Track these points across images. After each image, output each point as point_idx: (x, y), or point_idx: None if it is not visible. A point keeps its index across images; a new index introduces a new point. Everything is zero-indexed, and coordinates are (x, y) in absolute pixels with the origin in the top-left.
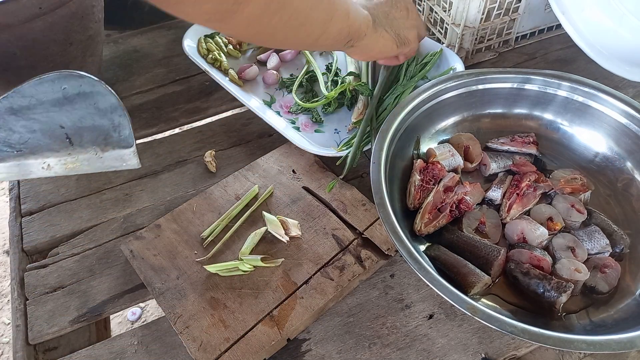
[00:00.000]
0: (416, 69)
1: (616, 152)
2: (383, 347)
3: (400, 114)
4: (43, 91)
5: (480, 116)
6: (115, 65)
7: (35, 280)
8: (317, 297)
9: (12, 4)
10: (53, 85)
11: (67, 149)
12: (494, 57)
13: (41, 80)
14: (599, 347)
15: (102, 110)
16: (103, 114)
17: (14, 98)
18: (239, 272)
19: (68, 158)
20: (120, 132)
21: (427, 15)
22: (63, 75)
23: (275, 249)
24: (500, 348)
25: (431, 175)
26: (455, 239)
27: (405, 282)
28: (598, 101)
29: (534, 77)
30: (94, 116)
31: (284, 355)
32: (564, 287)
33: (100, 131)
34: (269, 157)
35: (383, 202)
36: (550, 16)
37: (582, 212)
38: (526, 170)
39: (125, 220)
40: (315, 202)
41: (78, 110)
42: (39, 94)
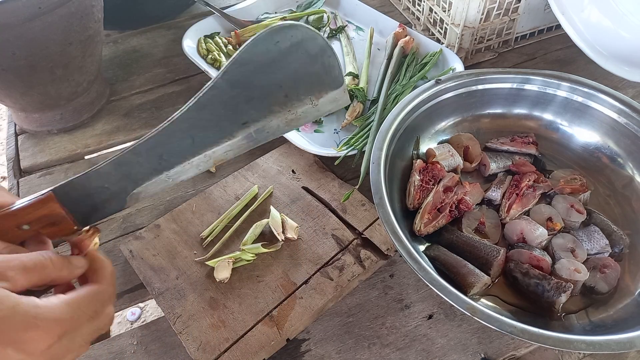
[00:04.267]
0: (416, 69)
1: (615, 153)
2: (382, 347)
3: (400, 114)
4: (258, 52)
5: (479, 116)
6: (115, 65)
7: None
8: (316, 297)
9: (12, 4)
10: (266, 43)
11: (286, 107)
12: (494, 57)
13: (255, 41)
14: (599, 347)
15: (313, 55)
16: (314, 60)
17: (233, 70)
18: (242, 262)
19: (288, 115)
20: (332, 73)
21: (426, 15)
22: (274, 30)
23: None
24: (499, 348)
25: (431, 176)
26: (455, 239)
27: (405, 282)
28: (597, 101)
29: (534, 77)
30: (307, 65)
31: (283, 355)
32: (564, 287)
33: (313, 78)
34: (268, 157)
35: (383, 203)
36: (550, 16)
37: (581, 212)
38: (526, 171)
39: (125, 220)
40: (315, 202)
41: (292, 63)
42: (256, 57)
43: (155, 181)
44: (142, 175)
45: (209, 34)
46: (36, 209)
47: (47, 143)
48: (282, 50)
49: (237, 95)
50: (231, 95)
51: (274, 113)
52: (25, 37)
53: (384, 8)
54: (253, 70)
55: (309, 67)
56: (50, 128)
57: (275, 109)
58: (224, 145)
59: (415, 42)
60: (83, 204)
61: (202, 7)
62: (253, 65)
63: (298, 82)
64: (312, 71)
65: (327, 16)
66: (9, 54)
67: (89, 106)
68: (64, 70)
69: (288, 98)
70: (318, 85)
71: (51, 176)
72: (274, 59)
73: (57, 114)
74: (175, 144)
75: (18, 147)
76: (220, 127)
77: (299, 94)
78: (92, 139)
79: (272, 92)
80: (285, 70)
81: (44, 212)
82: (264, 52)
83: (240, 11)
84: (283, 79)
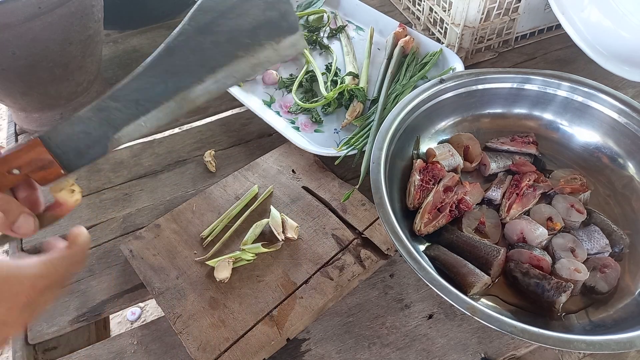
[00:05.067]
0: (416, 69)
1: (616, 152)
2: (382, 347)
3: (400, 114)
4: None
5: (480, 116)
6: (115, 65)
7: None
8: (316, 297)
9: (12, 4)
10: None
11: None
12: (494, 57)
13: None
14: (599, 347)
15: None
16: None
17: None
18: (243, 262)
19: (252, 60)
20: (288, 19)
21: (427, 15)
22: None
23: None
24: (499, 348)
25: (431, 175)
26: (455, 239)
27: (405, 282)
28: (598, 101)
29: (534, 77)
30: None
31: (283, 355)
32: (564, 287)
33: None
34: (268, 157)
35: (383, 202)
36: (550, 16)
37: (581, 212)
38: (526, 170)
39: (125, 220)
40: (315, 202)
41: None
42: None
43: (133, 126)
44: (121, 120)
45: None
46: (24, 153)
47: None
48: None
49: (204, 41)
50: (198, 41)
51: (239, 58)
52: (25, 37)
53: (384, 8)
54: (217, 16)
55: (266, 13)
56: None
57: (240, 54)
58: (195, 89)
59: (416, 42)
60: (68, 148)
61: None
62: (216, 12)
63: (258, 27)
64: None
65: (327, 16)
66: (9, 53)
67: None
68: (64, 70)
69: (250, 43)
70: (277, 30)
71: None
72: (234, 5)
73: (57, 113)
74: (150, 89)
75: None
76: (190, 72)
77: (260, 39)
78: None
79: (236, 37)
80: (245, 17)
81: (32, 156)
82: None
83: None
84: (244, 25)
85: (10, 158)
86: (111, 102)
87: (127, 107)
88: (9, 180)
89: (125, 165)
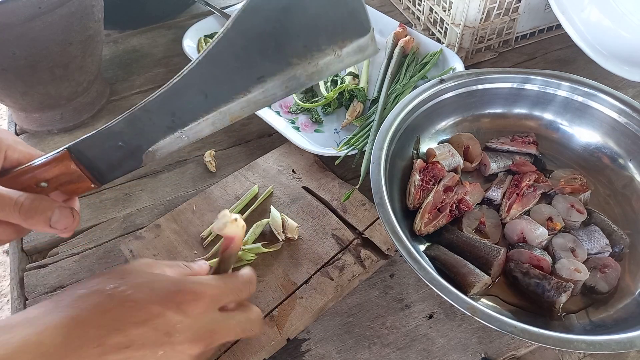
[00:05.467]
0: (416, 69)
1: (616, 152)
2: (383, 347)
3: (400, 114)
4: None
5: (480, 116)
6: (115, 65)
7: (35, 280)
8: (316, 297)
9: (12, 4)
10: None
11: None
12: (494, 57)
13: None
14: (599, 347)
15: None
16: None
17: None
18: (243, 262)
19: (308, 68)
20: (357, 18)
21: (427, 15)
22: None
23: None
24: (499, 348)
25: (431, 175)
26: (455, 239)
27: (405, 282)
28: (598, 101)
29: (534, 77)
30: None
31: (283, 355)
32: (564, 287)
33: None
34: (268, 157)
35: (383, 202)
36: (550, 16)
37: (582, 212)
38: (526, 170)
39: (125, 220)
40: (315, 202)
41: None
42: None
43: (170, 139)
44: (156, 133)
45: (209, 34)
46: (52, 167)
47: (47, 143)
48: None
49: (250, 46)
50: (243, 46)
51: (292, 66)
52: (25, 37)
53: (384, 8)
54: (266, 17)
55: (329, 12)
56: (51, 128)
57: (293, 61)
58: (240, 102)
59: (416, 42)
60: (99, 161)
61: (202, 7)
62: (266, 12)
63: (318, 29)
64: (334, 17)
65: None
66: (9, 53)
67: (89, 106)
68: (64, 70)
69: (307, 48)
70: (341, 32)
71: None
72: (289, 4)
73: (57, 113)
74: (187, 100)
75: None
76: (234, 82)
77: (320, 44)
78: None
79: (289, 42)
80: (302, 17)
81: (60, 170)
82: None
83: None
84: (300, 27)
85: (36, 171)
86: (143, 113)
87: (161, 119)
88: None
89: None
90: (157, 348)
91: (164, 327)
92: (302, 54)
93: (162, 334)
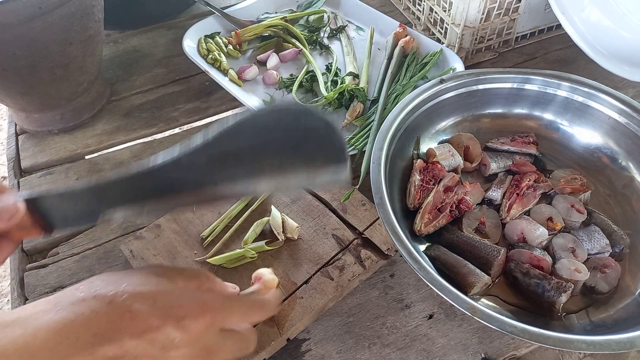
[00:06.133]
0: (416, 69)
1: (616, 152)
2: (383, 347)
3: (401, 114)
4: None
5: (480, 116)
6: (115, 65)
7: (35, 280)
8: (317, 297)
9: (12, 4)
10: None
11: (279, 174)
12: (494, 57)
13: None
14: (599, 347)
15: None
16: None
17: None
18: (246, 260)
19: (280, 181)
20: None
21: (427, 15)
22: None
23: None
24: (500, 348)
25: (431, 175)
26: (455, 239)
27: (405, 282)
28: (598, 101)
29: (534, 77)
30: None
31: (283, 355)
32: (564, 287)
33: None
34: None
35: (383, 202)
36: (550, 16)
37: (582, 212)
38: (526, 170)
39: (125, 220)
40: (315, 202)
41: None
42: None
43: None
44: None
45: (210, 34)
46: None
47: (47, 143)
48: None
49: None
50: (221, 151)
51: (263, 176)
52: (25, 37)
53: (384, 8)
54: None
55: (311, 139)
56: (51, 128)
57: (265, 173)
58: (206, 194)
59: (416, 42)
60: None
61: (203, 7)
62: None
63: (297, 152)
64: (314, 144)
65: (327, 16)
66: (9, 54)
67: (90, 106)
68: (65, 70)
69: (282, 166)
70: (318, 159)
71: (51, 176)
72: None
73: (57, 114)
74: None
75: (18, 147)
76: (200, 182)
77: (295, 165)
78: (93, 138)
79: (266, 157)
80: (284, 139)
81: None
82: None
83: (240, 11)
84: (279, 147)
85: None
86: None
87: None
88: None
89: (126, 165)
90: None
91: (160, 342)
92: (276, 170)
93: (158, 348)
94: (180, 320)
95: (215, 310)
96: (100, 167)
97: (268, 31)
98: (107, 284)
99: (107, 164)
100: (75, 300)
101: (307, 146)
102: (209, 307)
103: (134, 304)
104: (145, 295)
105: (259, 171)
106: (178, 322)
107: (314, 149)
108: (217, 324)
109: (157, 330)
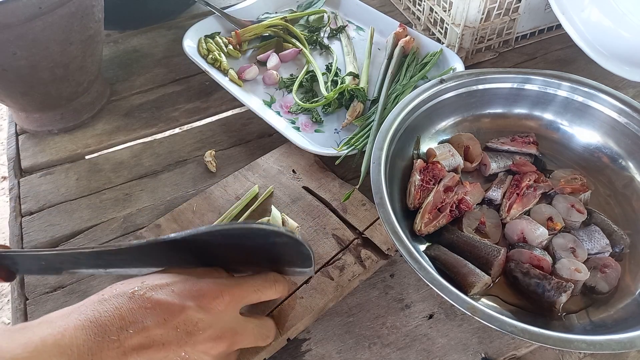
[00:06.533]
0: (416, 69)
1: (616, 152)
2: (383, 347)
3: (401, 114)
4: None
5: (480, 116)
6: (115, 65)
7: (35, 280)
8: (317, 297)
9: (12, 4)
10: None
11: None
12: (494, 57)
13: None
14: (599, 347)
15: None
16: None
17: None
18: None
19: None
20: (303, 257)
21: (427, 15)
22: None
23: None
24: (500, 348)
25: (431, 175)
26: (455, 239)
27: (405, 282)
28: (598, 101)
29: (534, 77)
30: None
31: (284, 355)
32: (564, 287)
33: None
34: (269, 157)
35: (383, 202)
36: (550, 16)
37: (582, 212)
38: (526, 170)
39: (125, 220)
40: (315, 202)
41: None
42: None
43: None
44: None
45: (210, 34)
46: None
47: (47, 143)
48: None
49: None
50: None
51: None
52: (25, 37)
53: (385, 8)
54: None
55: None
56: (51, 128)
57: (230, 267)
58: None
59: (416, 42)
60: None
61: (203, 7)
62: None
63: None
64: (279, 253)
65: (327, 16)
66: (9, 54)
67: (90, 106)
68: (65, 70)
69: (248, 263)
70: (285, 262)
71: (52, 176)
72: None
73: (57, 113)
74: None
75: (19, 147)
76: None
77: (262, 264)
78: (93, 138)
79: (233, 253)
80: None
81: None
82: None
83: (240, 11)
84: (248, 252)
85: None
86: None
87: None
88: None
89: (126, 165)
90: (178, 349)
91: (184, 326)
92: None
93: (184, 334)
94: (200, 301)
95: (232, 288)
96: (100, 167)
97: (268, 31)
98: (127, 284)
99: (107, 164)
100: (98, 300)
101: (272, 251)
102: (224, 285)
103: (154, 294)
104: (163, 285)
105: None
106: (198, 304)
107: (279, 254)
108: (236, 302)
109: (180, 315)
